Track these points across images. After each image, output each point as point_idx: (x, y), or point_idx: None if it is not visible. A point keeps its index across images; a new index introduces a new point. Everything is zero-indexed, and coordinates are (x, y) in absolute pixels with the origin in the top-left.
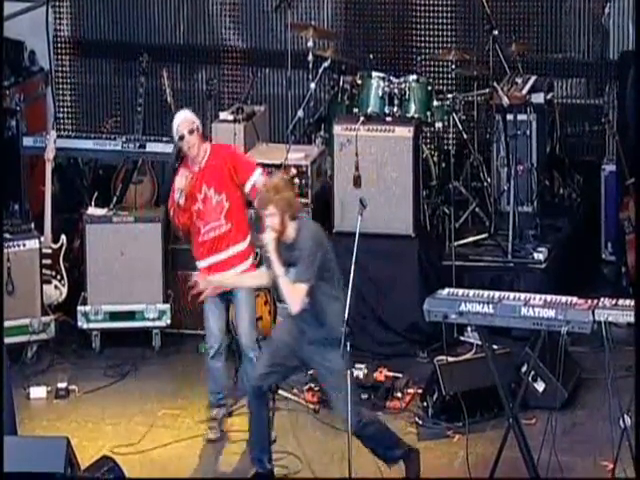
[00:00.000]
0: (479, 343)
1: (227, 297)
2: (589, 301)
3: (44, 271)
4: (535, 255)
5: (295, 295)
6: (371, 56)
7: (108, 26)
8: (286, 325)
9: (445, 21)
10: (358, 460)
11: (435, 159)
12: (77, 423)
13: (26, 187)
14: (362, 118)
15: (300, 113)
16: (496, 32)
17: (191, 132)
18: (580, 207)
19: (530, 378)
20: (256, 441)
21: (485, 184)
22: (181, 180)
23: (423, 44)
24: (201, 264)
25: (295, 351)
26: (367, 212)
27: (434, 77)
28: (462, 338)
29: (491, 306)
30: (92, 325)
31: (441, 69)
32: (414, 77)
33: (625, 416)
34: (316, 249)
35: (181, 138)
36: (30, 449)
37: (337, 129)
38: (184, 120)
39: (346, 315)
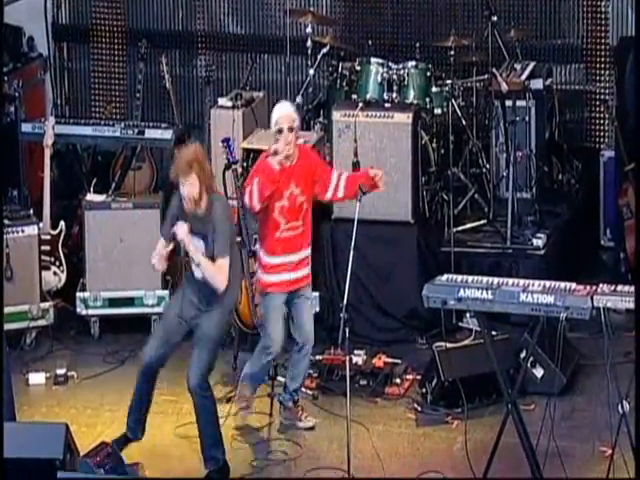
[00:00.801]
0: (478, 329)
1: (292, 296)
2: (588, 287)
3: (43, 257)
4: (534, 241)
5: (220, 272)
6: (370, 42)
7: (107, 12)
8: (180, 299)
9: (444, 7)
10: (357, 446)
11: (434, 145)
12: (76, 409)
13: (25, 173)
14: (361, 104)
15: (299, 99)
16: (495, 18)
17: (291, 129)
18: (579, 193)
19: (529, 364)
20: (133, 412)
21: (484, 170)
22: (280, 145)
23: (422, 30)
24: (271, 260)
25: (186, 321)
26: (366, 198)
27: (433, 63)
28: (461, 324)
29: (490, 292)
30: (91, 311)
31: (440, 55)
32: (413, 63)
33: (624, 402)
34: (230, 223)
35: (279, 132)
36: (29, 435)
37: (336, 115)
38: (287, 115)
39: (345, 301)
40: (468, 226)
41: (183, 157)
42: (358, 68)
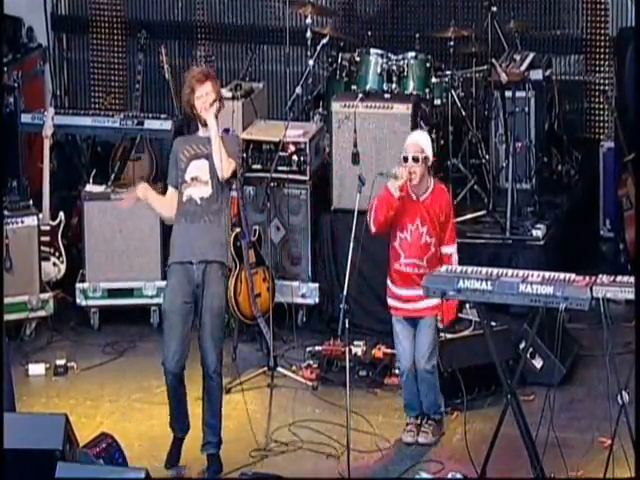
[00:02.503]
0: (477, 320)
1: (415, 321)
2: (587, 278)
3: (42, 248)
4: (533, 232)
5: (228, 162)
6: (369, 33)
7: (106, 3)
8: (176, 286)
9: None
10: (357, 437)
11: (433, 136)
12: (76, 400)
13: (24, 164)
14: (360, 95)
15: (298, 90)
16: (495, 9)
17: (416, 160)
18: (578, 184)
19: (528, 355)
20: (179, 415)
21: (483, 161)
22: (401, 170)
23: (421, 21)
24: (394, 288)
25: (193, 292)
26: (365, 189)
27: (432, 54)
28: (460, 315)
29: (489, 283)
30: (90, 302)
31: (439, 46)
32: (412, 54)
33: (623, 392)
34: (240, 148)
35: (405, 160)
36: (29, 426)
37: (335, 106)
38: (414, 144)
39: (344, 292)
40: (468, 217)
41: (196, 69)
42: (358, 59)
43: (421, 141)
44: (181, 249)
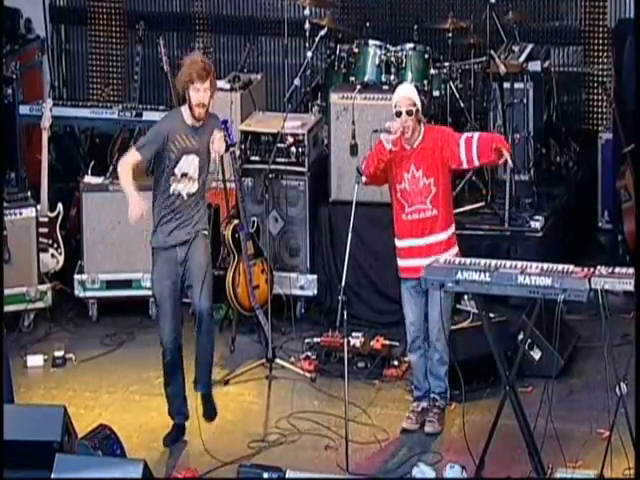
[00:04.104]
0: (476, 311)
1: (424, 291)
2: (585, 269)
3: (41, 239)
4: (532, 223)
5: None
6: (368, 24)
7: None
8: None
9: None
10: (355, 428)
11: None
12: (74, 391)
13: (23, 156)
14: (359, 86)
15: (297, 82)
16: (493, 0)
17: (409, 113)
18: (577, 175)
19: (527, 346)
20: (177, 397)
21: None
22: (394, 124)
23: (420, 12)
24: (400, 243)
25: (178, 272)
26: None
27: (431, 45)
28: (459, 306)
29: (488, 274)
30: (89, 294)
31: (438, 37)
32: (411, 45)
33: (621, 384)
34: None
35: (398, 115)
36: (27, 417)
37: (334, 97)
38: (406, 97)
39: (343, 283)
40: (466, 208)
41: (199, 62)
42: (356, 50)
43: (411, 94)
44: (165, 237)
